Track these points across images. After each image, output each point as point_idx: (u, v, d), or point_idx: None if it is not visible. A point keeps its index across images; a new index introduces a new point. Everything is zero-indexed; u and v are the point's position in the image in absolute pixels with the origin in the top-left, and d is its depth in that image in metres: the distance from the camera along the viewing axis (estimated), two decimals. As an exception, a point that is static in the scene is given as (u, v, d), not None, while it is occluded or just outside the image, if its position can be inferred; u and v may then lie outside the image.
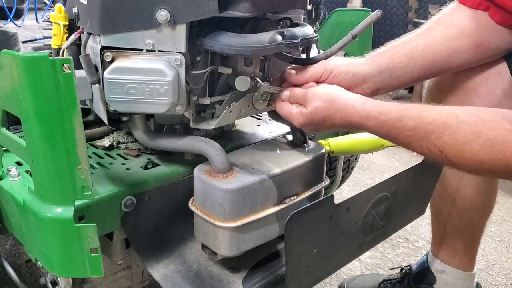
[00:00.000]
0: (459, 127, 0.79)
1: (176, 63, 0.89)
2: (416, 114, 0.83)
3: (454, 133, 0.79)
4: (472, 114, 0.80)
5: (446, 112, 0.81)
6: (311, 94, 0.93)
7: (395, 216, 1.12)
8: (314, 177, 1.07)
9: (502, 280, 1.74)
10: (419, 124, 0.82)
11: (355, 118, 0.88)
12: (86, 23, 0.93)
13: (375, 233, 1.08)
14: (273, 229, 1.01)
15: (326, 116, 0.90)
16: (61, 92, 0.75)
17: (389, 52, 1.06)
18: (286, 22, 0.98)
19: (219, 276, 1.01)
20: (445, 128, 0.80)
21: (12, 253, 1.60)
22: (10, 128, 1.09)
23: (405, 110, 0.84)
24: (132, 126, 1.02)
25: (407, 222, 1.25)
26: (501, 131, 0.76)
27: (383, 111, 0.86)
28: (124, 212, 0.95)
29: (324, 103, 0.91)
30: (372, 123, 0.86)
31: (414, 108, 0.84)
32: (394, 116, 0.85)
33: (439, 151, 0.81)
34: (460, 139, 0.79)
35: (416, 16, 3.89)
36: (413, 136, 0.83)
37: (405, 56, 1.05)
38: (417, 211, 1.24)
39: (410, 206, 1.20)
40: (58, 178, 0.80)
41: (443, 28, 1.07)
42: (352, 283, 1.57)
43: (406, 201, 1.14)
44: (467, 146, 0.78)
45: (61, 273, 0.90)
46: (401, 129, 0.84)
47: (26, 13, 1.88)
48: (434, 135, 0.80)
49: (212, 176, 0.93)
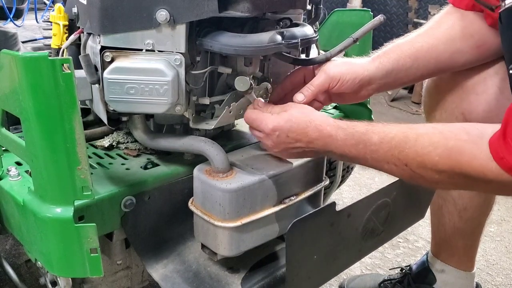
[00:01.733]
0: (418, 140, 0.82)
1: (176, 63, 0.89)
2: (380, 130, 0.86)
3: (415, 145, 0.82)
4: (430, 127, 0.83)
5: (407, 127, 0.84)
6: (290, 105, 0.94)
7: (396, 221, 1.12)
8: (314, 177, 1.07)
9: (502, 280, 1.74)
10: (383, 139, 0.84)
11: (326, 128, 0.89)
12: (86, 23, 0.93)
13: (375, 238, 1.08)
14: (272, 229, 1.01)
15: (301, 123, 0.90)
16: (61, 92, 0.75)
17: (394, 53, 1.06)
18: (286, 22, 0.98)
19: (218, 276, 1.01)
20: (406, 142, 0.82)
21: (12, 253, 1.60)
22: (10, 128, 1.09)
23: (370, 125, 0.87)
24: (132, 126, 1.02)
25: (407, 226, 1.25)
26: (457, 141, 0.79)
27: (351, 125, 0.89)
28: (124, 212, 0.95)
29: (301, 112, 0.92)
30: (341, 134, 0.88)
31: (378, 125, 0.87)
32: (361, 130, 0.87)
33: (404, 165, 0.83)
34: (420, 151, 0.81)
35: (416, 16, 3.90)
36: (378, 152, 0.85)
37: (410, 57, 1.05)
38: (417, 215, 1.24)
39: (410, 210, 1.20)
40: (58, 178, 0.80)
41: (446, 28, 1.07)
42: (352, 283, 1.57)
43: (407, 205, 1.14)
44: (427, 157, 0.81)
45: (61, 273, 0.90)
46: (368, 143, 0.86)
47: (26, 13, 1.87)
48: (397, 149, 0.83)
49: (212, 176, 0.93)
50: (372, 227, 1.04)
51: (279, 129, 0.91)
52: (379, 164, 0.87)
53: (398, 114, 3.58)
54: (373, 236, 1.07)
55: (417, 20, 3.83)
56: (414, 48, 1.06)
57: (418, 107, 3.59)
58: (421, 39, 1.08)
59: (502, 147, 0.74)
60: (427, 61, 1.07)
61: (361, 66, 1.03)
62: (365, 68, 1.03)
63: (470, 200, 1.26)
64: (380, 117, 3.33)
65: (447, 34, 1.06)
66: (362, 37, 1.03)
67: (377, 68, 1.04)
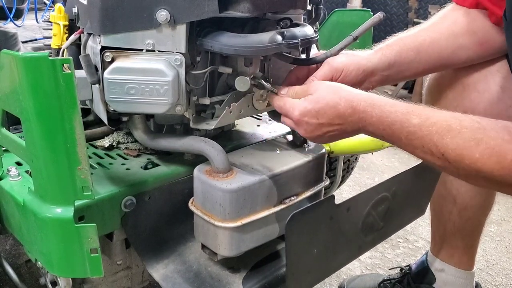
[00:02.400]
0: (461, 132, 0.79)
1: (176, 63, 0.89)
2: (422, 112, 0.82)
3: (456, 136, 0.79)
4: (475, 121, 0.80)
5: (450, 116, 0.81)
6: (315, 84, 0.90)
7: (395, 217, 1.12)
8: (314, 177, 1.07)
9: (502, 280, 1.74)
10: (424, 123, 0.81)
11: (360, 104, 0.85)
12: (86, 23, 0.93)
13: (375, 233, 1.08)
14: (273, 229, 1.01)
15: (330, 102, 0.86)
16: (61, 92, 0.75)
17: (397, 45, 1.06)
18: (286, 22, 0.98)
19: (219, 276, 1.01)
20: (448, 131, 0.79)
21: (12, 253, 1.60)
22: (10, 128, 1.09)
23: (411, 107, 0.84)
24: (132, 126, 1.02)
25: (407, 223, 1.25)
26: (500, 140, 0.76)
27: (389, 102, 0.84)
28: (124, 212, 0.95)
29: (328, 90, 0.88)
30: (377, 111, 0.84)
31: (419, 107, 0.83)
32: (401, 109, 0.83)
33: (441, 154, 0.81)
34: (461, 144, 0.78)
35: (416, 16, 3.90)
36: (416, 133, 0.82)
37: (412, 51, 1.05)
38: (417, 211, 1.24)
39: (410, 207, 1.20)
40: (58, 178, 0.80)
41: (449, 24, 1.07)
42: (352, 283, 1.57)
43: (406, 201, 1.14)
44: (467, 151, 0.78)
45: (61, 273, 0.90)
46: (405, 124, 0.82)
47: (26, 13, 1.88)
48: (437, 136, 0.80)
49: (212, 176, 0.93)
50: (371, 221, 1.04)
51: (307, 114, 0.87)
52: (413, 148, 0.84)
53: (398, 114, 3.58)
54: (373, 231, 1.06)
55: (417, 20, 3.83)
56: (417, 41, 1.06)
57: (418, 107, 3.58)
58: (424, 33, 1.07)
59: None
60: (429, 56, 1.06)
61: (364, 57, 1.03)
62: (368, 59, 1.02)
63: (470, 199, 1.26)
64: (380, 117, 3.32)
65: (450, 30, 1.06)
66: (362, 35, 1.03)
67: (380, 59, 1.03)
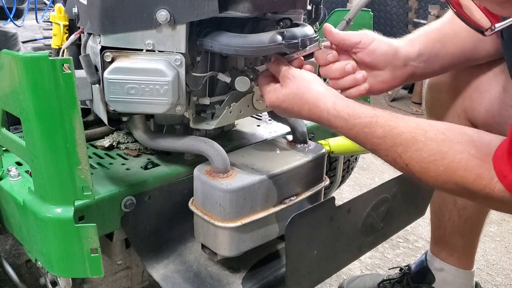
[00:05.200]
0: (426, 144, 0.79)
1: (176, 63, 0.89)
2: (386, 123, 0.82)
3: (421, 150, 0.79)
4: (440, 132, 0.79)
5: (415, 127, 0.81)
6: (290, 75, 0.90)
7: (395, 218, 1.12)
8: (314, 177, 1.07)
9: (502, 280, 1.74)
10: (388, 134, 0.81)
11: (323, 114, 0.86)
12: (86, 23, 0.93)
13: (375, 234, 1.08)
14: (273, 229, 1.01)
15: (295, 104, 0.88)
16: (61, 92, 0.75)
17: (423, 37, 1.04)
18: (286, 22, 0.98)
19: (219, 276, 1.01)
20: (413, 143, 0.79)
21: (12, 253, 1.60)
22: (10, 128, 1.09)
23: (375, 117, 0.83)
24: (132, 126, 1.02)
25: (407, 224, 1.25)
26: (466, 154, 0.77)
27: (353, 114, 0.84)
28: (124, 212, 0.95)
29: (297, 90, 0.88)
30: (341, 123, 0.85)
31: (384, 116, 0.83)
32: (364, 121, 0.83)
33: (405, 164, 0.81)
34: (426, 157, 0.79)
35: (416, 16, 3.89)
36: (380, 145, 0.82)
37: (438, 42, 1.03)
38: (417, 212, 1.24)
39: (410, 208, 1.20)
40: (58, 178, 0.80)
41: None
42: (352, 283, 1.57)
43: (406, 202, 1.14)
44: (432, 165, 0.78)
45: (61, 273, 0.90)
46: (369, 136, 0.83)
47: (26, 13, 1.87)
48: (401, 148, 0.80)
49: (212, 176, 0.93)
50: (371, 222, 1.04)
51: (277, 106, 0.92)
52: (378, 154, 0.85)
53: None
54: (373, 232, 1.06)
55: (417, 20, 3.83)
56: (441, 33, 1.04)
57: (418, 107, 3.59)
58: (447, 26, 1.06)
59: (507, 166, 0.72)
60: (454, 48, 1.04)
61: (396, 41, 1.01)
62: (400, 44, 1.00)
63: (470, 199, 1.26)
64: (380, 117, 3.32)
65: None
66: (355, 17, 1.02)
67: (411, 46, 1.00)
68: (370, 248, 1.13)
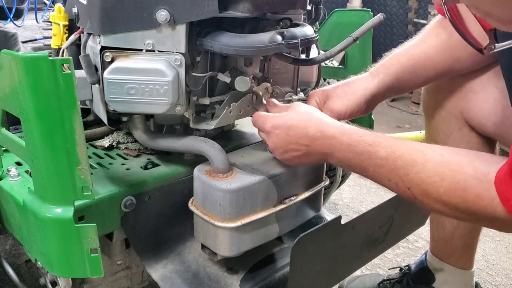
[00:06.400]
0: (425, 166, 0.79)
1: (176, 63, 0.89)
2: (389, 145, 0.82)
3: (420, 172, 0.79)
4: (438, 154, 0.80)
5: (416, 148, 0.81)
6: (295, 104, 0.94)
7: (397, 230, 1.12)
8: (314, 177, 1.07)
9: (502, 280, 1.74)
10: (390, 156, 0.81)
11: (330, 130, 0.87)
12: (86, 23, 0.93)
13: (377, 247, 1.08)
14: (273, 229, 1.01)
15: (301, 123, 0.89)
16: (61, 92, 0.75)
17: (393, 66, 1.06)
18: (286, 22, 0.98)
19: (218, 277, 1.01)
20: (413, 165, 0.80)
21: (12, 253, 1.60)
22: (10, 128, 1.09)
23: (378, 137, 0.84)
24: (132, 126, 1.02)
25: (407, 234, 1.25)
26: (464, 175, 0.76)
27: (359, 132, 0.86)
28: (124, 212, 0.95)
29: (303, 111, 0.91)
30: (346, 139, 0.85)
31: (387, 138, 0.84)
32: (369, 139, 0.84)
33: (407, 188, 0.81)
34: (426, 179, 0.79)
35: (416, 16, 3.89)
36: (383, 167, 0.82)
37: (409, 70, 1.06)
38: (418, 222, 1.24)
39: (412, 219, 1.20)
40: (58, 178, 0.80)
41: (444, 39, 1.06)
42: (352, 283, 1.57)
43: (409, 214, 1.14)
44: (432, 187, 0.78)
45: (61, 273, 0.90)
46: (373, 156, 0.83)
47: (26, 13, 1.87)
48: (403, 171, 0.80)
49: (212, 176, 0.93)
50: (375, 237, 1.04)
51: (278, 127, 0.90)
52: (380, 179, 0.85)
53: (398, 114, 3.57)
54: (376, 245, 1.07)
55: (417, 20, 3.83)
56: (412, 59, 1.06)
57: (418, 107, 3.59)
58: (419, 50, 1.07)
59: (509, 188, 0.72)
60: (426, 71, 1.07)
61: (363, 86, 1.03)
62: (367, 88, 1.03)
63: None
64: (380, 117, 3.33)
65: (445, 44, 1.05)
66: (362, 36, 1.03)
67: (378, 85, 1.04)
68: (371, 259, 1.13)
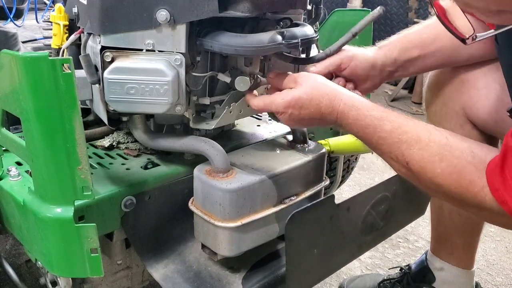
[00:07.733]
0: (429, 145, 0.82)
1: (176, 63, 0.89)
2: (396, 120, 0.85)
3: (423, 149, 0.82)
4: (444, 137, 0.82)
5: (422, 128, 0.84)
6: (303, 75, 0.93)
7: (395, 216, 1.13)
8: (314, 177, 1.07)
9: (502, 280, 1.74)
10: (395, 130, 0.84)
11: (340, 105, 0.88)
12: (86, 23, 0.93)
13: (375, 233, 1.08)
14: (273, 229, 1.01)
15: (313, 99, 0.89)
16: (61, 92, 0.75)
17: (401, 42, 1.10)
18: (286, 22, 0.98)
19: (219, 276, 1.01)
20: (417, 142, 0.82)
21: (12, 253, 1.60)
22: (10, 128, 1.09)
23: (386, 112, 0.87)
24: (132, 126, 1.02)
25: (407, 223, 1.25)
26: (462, 160, 0.79)
27: (367, 106, 0.87)
28: (124, 212, 0.95)
29: (315, 83, 0.90)
30: (354, 113, 0.87)
31: (395, 114, 0.87)
32: (377, 114, 0.86)
33: (405, 162, 0.84)
34: (426, 157, 0.81)
35: (416, 16, 3.89)
36: (386, 139, 0.85)
37: (416, 47, 1.09)
38: (417, 211, 1.24)
39: (410, 207, 1.20)
40: (58, 178, 0.80)
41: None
42: (352, 283, 1.57)
43: (406, 201, 1.15)
44: (430, 165, 0.81)
45: (61, 273, 0.90)
46: (378, 129, 0.85)
47: (26, 13, 1.87)
48: (405, 145, 0.83)
49: (212, 176, 0.93)
50: (371, 221, 1.04)
51: (291, 107, 0.90)
52: (381, 152, 0.88)
53: (398, 114, 3.57)
54: (373, 231, 1.07)
55: (417, 20, 3.83)
56: (420, 38, 1.09)
57: (418, 107, 3.59)
58: (428, 30, 1.11)
59: (498, 178, 0.74)
60: (432, 52, 1.09)
61: (370, 51, 1.08)
62: (374, 54, 1.07)
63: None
64: (380, 117, 3.32)
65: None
66: (361, 31, 1.04)
67: (385, 55, 1.08)
68: (370, 247, 1.13)
